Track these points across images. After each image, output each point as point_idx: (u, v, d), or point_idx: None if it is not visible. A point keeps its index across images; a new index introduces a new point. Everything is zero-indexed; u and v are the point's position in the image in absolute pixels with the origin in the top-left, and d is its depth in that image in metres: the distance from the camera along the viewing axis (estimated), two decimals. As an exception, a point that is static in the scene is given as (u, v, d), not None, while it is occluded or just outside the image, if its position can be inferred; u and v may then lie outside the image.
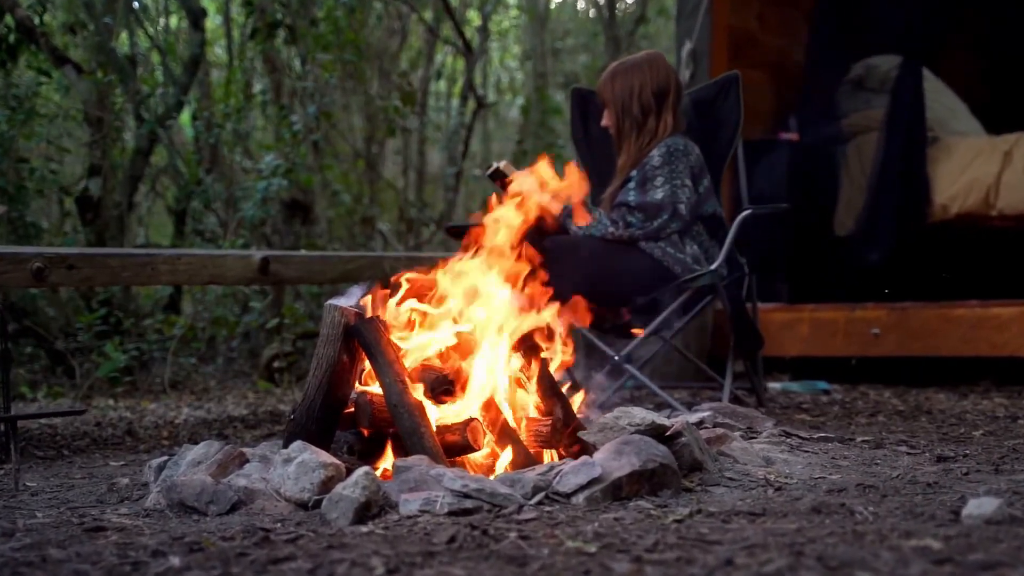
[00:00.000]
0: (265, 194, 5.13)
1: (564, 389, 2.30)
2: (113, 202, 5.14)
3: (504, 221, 2.43)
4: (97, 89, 4.95)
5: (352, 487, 1.79)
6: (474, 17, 8.71)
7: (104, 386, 4.50)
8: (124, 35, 5.94)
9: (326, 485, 1.90)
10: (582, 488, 1.85)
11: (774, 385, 4.27)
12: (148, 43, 6.55)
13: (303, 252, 4.46)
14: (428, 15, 7.70)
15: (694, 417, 2.54)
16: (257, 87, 6.47)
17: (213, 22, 7.85)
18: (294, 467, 1.94)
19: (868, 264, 4.85)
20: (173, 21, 7.41)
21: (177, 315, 5.62)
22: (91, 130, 5.08)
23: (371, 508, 1.78)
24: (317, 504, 1.86)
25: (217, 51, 8.00)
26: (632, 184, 3.26)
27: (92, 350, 4.65)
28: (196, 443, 2.41)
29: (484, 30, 8.16)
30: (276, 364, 4.84)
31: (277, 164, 5.22)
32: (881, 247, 4.82)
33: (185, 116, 6.78)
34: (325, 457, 1.95)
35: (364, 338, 2.13)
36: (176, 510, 1.97)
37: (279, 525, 1.77)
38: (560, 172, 2.72)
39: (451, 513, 1.75)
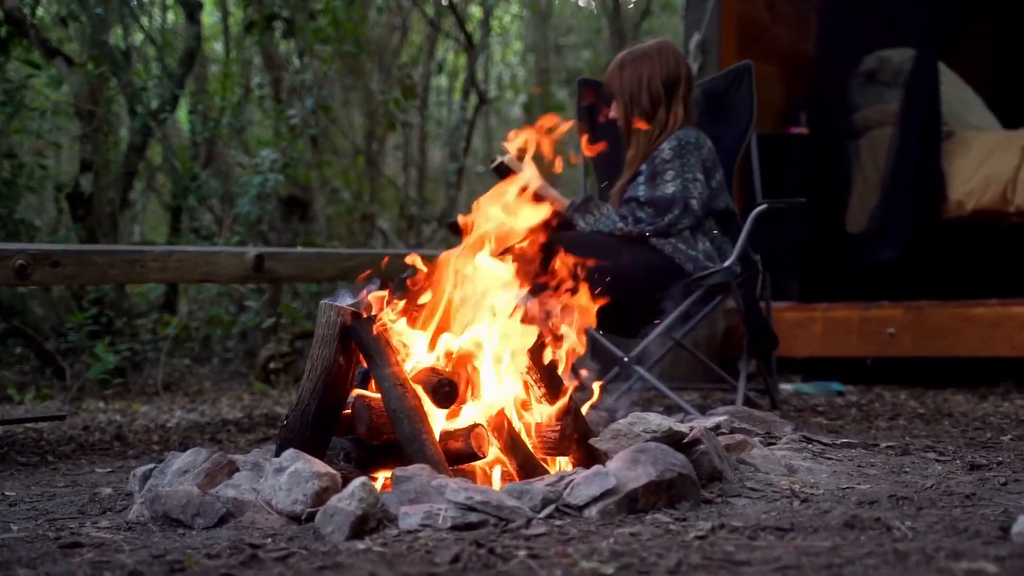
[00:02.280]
0: (261, 190, 4.98)
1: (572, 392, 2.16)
2: (107, 199, 5.00)
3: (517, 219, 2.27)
4: (89, 82, 4.81)
5: (348, 499, 1.67)
6: (476, 12, 8.57)
7: (95, 388, 4.37)
8: (120, 30, 5.79)
9: (320, 497, 1.77)
10: (595, 500, 1.72)
11: (786, 386, 4.14)
12: (144, 37, 6.41)
13: (299, 249, 4.33)
14: (430, 9, 7.57)
15: (709, 422, 2.40)
16: (255, 80, 6.32)
17: (211, 18, 7.73)
18: (286, 477, 1.82)
19: (882, 262, 4.72)
20: (170, 16, 7.28)
21: (173, 315, 5.48)
22: (82, 124, 4.94)
23: (368, 522, 1.66)
24: (311, 517, 1.74)
25: (216, 48, 7.87)
26: (642, 178, 3.14)
27: (83, 351, 4.51)
28: (188, 448, 2.28)
29: (486, 24, 8.02)
30: (272, 365, 4.70)
31: (273, 159, 5.07)
32: (895, 245, 4.69)
33: (184, 114, 6.65)
34: (319, 467, 1.83)
35: (362, 339, 2.01)
36: (160, 523, 1.85)
37: (269, 541, 1.65)
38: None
39: (454, 527, 1.63)
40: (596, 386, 2.19)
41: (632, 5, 9.38)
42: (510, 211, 2.28)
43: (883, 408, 3.54)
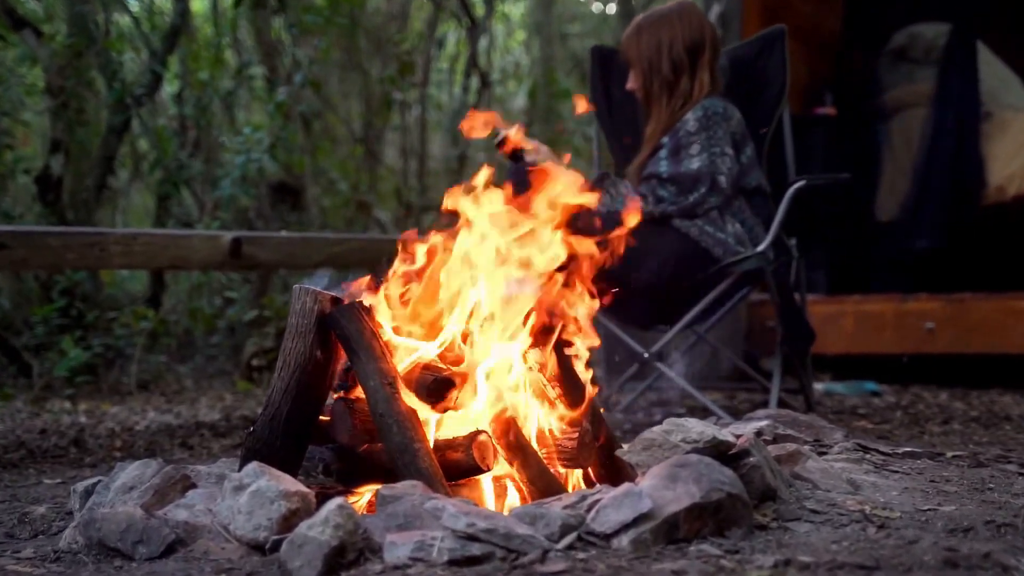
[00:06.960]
0: (244, 171, 4.61)
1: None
2: (82, 184, 4.65)
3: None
4: (61, 56, 4.45)
5: (321, 526, 1.34)
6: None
7: (63, 387, 4.02)
8: (99, 4, 5.42)
9: (287, 522, 1.45)
10: (626, 527, 1.39)
11: (816, 386, 3.79)
12: (127, 17, 6.06)
13: (282, 233, 3.98)
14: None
15: (749, 427, 2.07)
16: (245, 58, 5.97)
17: (204, 5, 7.41)
18: (247, 497, 1.49)
19: (916, 252, 4.38)
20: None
21: (157, 308, 5.12)
22: (51, 101, 4.59)
23: (346, 554, 1.34)
24: (276, 547, 1.42)
25: (212, 34, 7.54)
26: (664, 153, 2.80)
27: (52, 346, 4.16)
28: (154, 455, 1.96)
29: (489, 3, 7.68)
30: (255, 362, 4.35)
31: (259, 137, 4.70)
32: (930, 234, 4.36)
33: (171, 97, 6.30)
34: (287, 484, 1.50)
35: (343, 330, 1.68)
36: (95, 553, 1.53)
37: (222, 578, 1.32)
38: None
39: (452, 562, 1.31)
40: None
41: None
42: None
43: (929, 410, 3.21)
